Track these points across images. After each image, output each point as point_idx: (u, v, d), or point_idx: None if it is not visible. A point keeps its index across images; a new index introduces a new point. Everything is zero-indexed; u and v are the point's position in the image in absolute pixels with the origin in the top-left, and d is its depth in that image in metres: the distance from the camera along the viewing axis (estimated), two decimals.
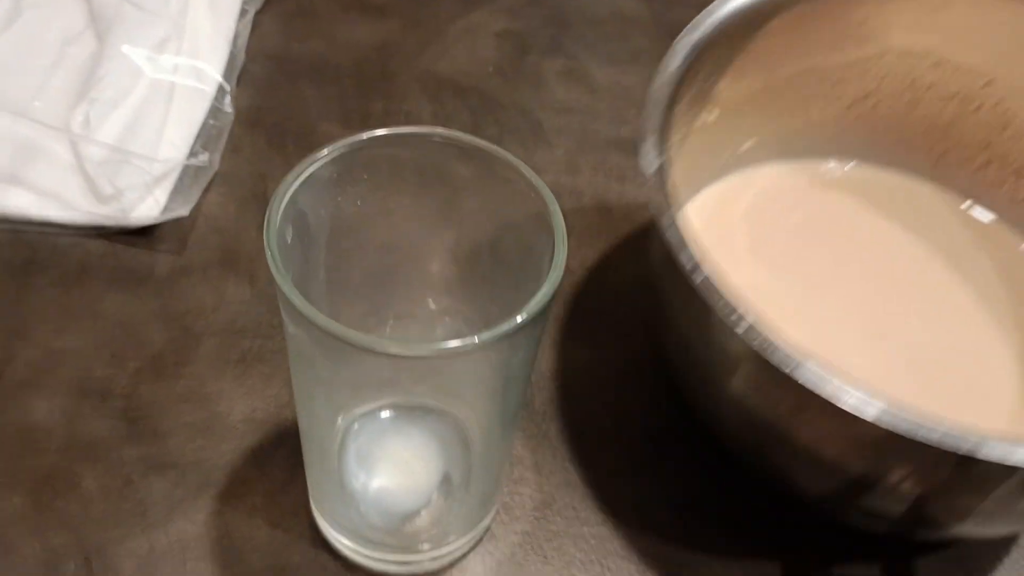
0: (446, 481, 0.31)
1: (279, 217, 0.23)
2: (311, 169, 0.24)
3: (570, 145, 0.44)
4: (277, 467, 0.32)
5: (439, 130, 0.24)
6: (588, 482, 0.33)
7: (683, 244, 0.27)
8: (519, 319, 0.22)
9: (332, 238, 0.27)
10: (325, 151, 0.24)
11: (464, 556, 0.31)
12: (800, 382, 0.24)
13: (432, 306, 0.29)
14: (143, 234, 0.38)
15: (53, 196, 0.38)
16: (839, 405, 0.24)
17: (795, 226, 0.38)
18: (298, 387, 0.27)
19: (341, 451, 0.31)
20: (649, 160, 0.29)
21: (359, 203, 0.26)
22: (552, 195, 0.24)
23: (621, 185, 0.43)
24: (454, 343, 0.21)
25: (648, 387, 0.36)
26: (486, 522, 0.31)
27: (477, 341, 0.21)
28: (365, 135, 0.24)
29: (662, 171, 0.29)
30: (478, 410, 0.29)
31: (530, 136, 0.44)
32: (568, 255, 0.40)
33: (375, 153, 0.25)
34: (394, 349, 0.21)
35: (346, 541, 0.30)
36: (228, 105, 0.42)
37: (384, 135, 0.24)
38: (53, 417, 0.33)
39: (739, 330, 0.25)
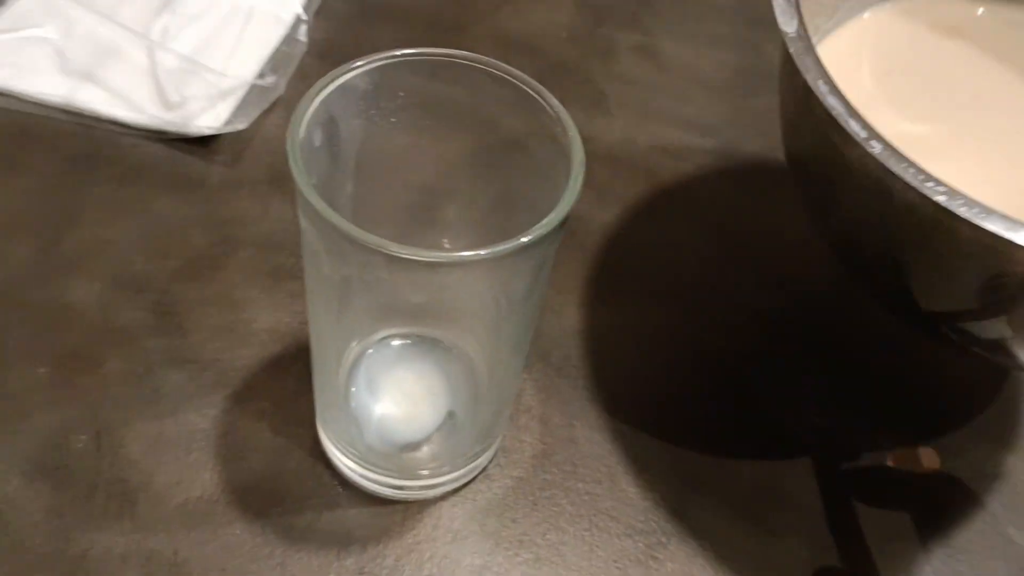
0: (450, 418, 0.31)
1: (308, 116, 0.24)
2: (345, 77, 0.25)
3: (630, 118, 0.44)
4: (291, 379, 0.33)
5: (465, 53, 0.25)
6: (591, 442, 0.33)
7: (851, 112, 0.24)
8: (524, 239, 0.22)
9: (361, 160, 0.27)
10: (360, 61, 0.25)
11: (456, 491, 0.31)
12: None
13: (447, 246, 0.29)
14: (201, 143, 0.39)
15: (123, 97, 0.40)
16: None
17: (926, 73, 0.35)
18: (309, 293, 0.27)
19: (352, 374, 0.31)
20: (787, 19, 0.27)
21: (393, 120, 0.26)
22: (572, 123, 0.24)
23: (675, 162, 0.42)
24: (456, 253, 0.22)
25: (667, 356, 0.36)
26: (483, 461, 0.32)
27: (481, 253, 0.22)
28: (398, 51, 0.25)
29: (803, 31, 0.27)
30: (482, 342, 0.29)
31: (591, 104, 0.44)
32: (612, 221, 0.40)
33: (410, 80, 0.25)
34: (396, 250, 0.22)
35: (344, 459, 0.31)
36: (303, 35, 0.43)
37: (416, 52, 0.25)
38: (89, 300, 0.34)
39: (938, 198, 0.23)
